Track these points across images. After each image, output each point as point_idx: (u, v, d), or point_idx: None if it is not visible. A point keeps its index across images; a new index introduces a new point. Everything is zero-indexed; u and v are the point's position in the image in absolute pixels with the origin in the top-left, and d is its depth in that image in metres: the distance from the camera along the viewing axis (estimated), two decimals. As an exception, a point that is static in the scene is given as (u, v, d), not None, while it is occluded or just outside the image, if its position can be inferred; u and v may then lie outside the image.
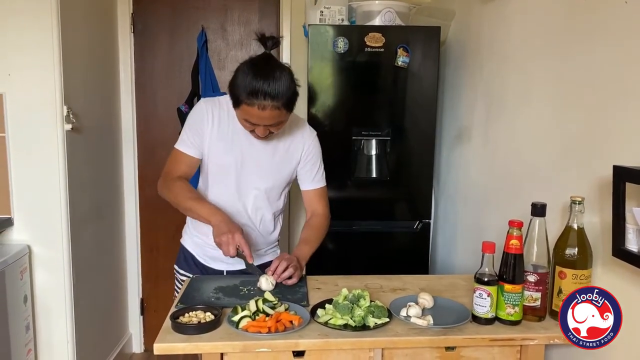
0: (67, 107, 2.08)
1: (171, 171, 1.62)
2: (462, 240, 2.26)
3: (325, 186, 1.74)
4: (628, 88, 1.19)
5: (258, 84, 1.38)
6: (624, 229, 1.08)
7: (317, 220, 1.70)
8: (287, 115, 1.47)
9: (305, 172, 1.69)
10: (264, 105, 1.39)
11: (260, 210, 1.67)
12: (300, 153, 1.67)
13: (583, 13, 1.37)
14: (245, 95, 1.39)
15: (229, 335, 1.19)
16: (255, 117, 1.43)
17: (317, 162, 1.70)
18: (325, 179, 1.74)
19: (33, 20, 1.99)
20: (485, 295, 1.25)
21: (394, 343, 1.21)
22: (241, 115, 1.47)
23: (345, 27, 2.22)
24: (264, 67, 1.42)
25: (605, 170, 1.20)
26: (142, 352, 3.05)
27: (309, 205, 1.74)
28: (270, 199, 1.67)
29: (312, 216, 1.72)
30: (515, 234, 1.24)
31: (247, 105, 1.41)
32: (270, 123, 1.45)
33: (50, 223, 2.10)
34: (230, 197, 1.64)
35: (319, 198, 1.72)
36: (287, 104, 1.43)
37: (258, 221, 1.68)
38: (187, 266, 1.72)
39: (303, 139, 1.67)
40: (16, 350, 1.97)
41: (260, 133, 1.48)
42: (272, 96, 1.38)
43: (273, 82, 1.38)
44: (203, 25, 2.80)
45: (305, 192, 1.73)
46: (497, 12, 1.91)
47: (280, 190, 1.69)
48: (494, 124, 1.93)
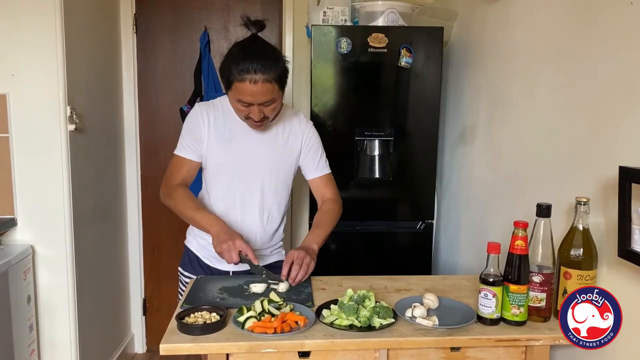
0: (71, 108, 2.09)
1: (172, 177, 1.63)
2: (465, 241, 2.26)
3: (330, 173, 1.76)
4: (633, 89, 1.19)
5: (248, 59, 1.41)
6: (629, 229, 1.08)
7: (328, 205, 1.71)
8: (279, 93, 1.49)
9: (307, 161, 1.71)
10: (255, 79, 1.41)
11: (267, 207, 1.68)
12: (300, 144, 1.69)
13: (588, 13, 1.37)
14: (237, 72, 1.42)
15: (235, 336, 1.19)
16: (248, 94, 1.44)
17: (319, 150, 1.72)
18: (329, 167, 1.75)
19: (36, 21, 1.99)
20: (490, 295, 1.25)
21: (400, 344, 1.21)
22: (234, 96, 1.48)
23: (348, 27, 2.23)
24: (252, 45, 1.48)
25: (611, 171, 1.20)
26: (145, 352, 3.04)
27: (318, 193, 1.75)
28: (276, 195, 1.68)
29: (323, 202, 1.73)
30: (521, 235, 1.24)
31: (239, 83, 1.43)
32: (263, 100, 1.45)
33: (54, 223, 2.10)
34: (235, 197, 1.64)
35: (325, 184, 1.74)
36: (279, 79, 1.46)
37: (265, 219, 1.68)
38: (192, 268, 1.72)
39: (300, 129, 1.69)
40: (19, 351, 1.97)
41: (255, 116, 1.48)
42: (263, 69, 1.41)
43: (261, 57, 1.43)
44: (206, 25, 2.81)
45: (312, 182, 1.74)
46: (500, 13, 1.91)
47: (285, 184, 1.70)
48: (498, 125, 1.93)
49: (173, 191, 1.59)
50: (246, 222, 1.66)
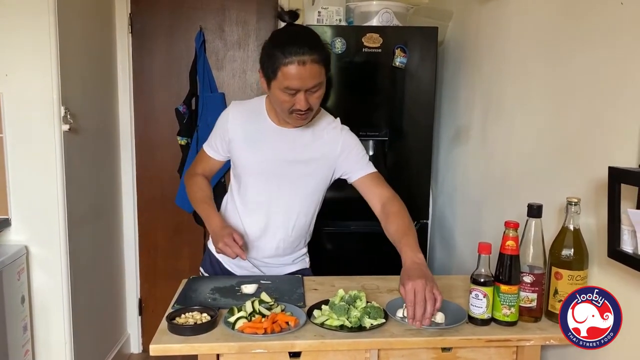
0: (65, 108, 2.08)
1: (196, 166, 1.72)
2: (460, 241, 2.26)
3: (377, 171, 1.62)
4: (624, 89, 1.19)
5: (293, 42, 1.39)
6: (619, 230, 1.08)
7: (393, 205, 1.53)
8: (324, 77, 1.45)
9: (350, 163, 1.59)
10: (304, 60, 1.37)
11: (294, 214, 1.61)
12: (337, 146, 1.59)
13: (580, 14, 1.37)
14: (283, 56, 1.37)
15: (225, 337, 1.19)
16: (296, 79, 1.38)
17: (360, 150, 1.61)
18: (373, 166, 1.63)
19: (30, 21, 1.99)
20: (481, 296, 1.25)
21: (390, 344, 1.21)
22: (279, 85, 1.41)
23: (343, 27, 2.22)
24: (292, 30, 1.47)
25: (602, 171, 1.20)
26: (140, 353, 3.05)
27: (373, 195, 1.57)
28: (306, 201, 1.62)
29: (385, 204, 1.54)
30: (511, 235, 1.24)
31: (286, 67, 1.38)
32: (312, 83, 1.40)
33: (48, 223, 2.10)
34: (262, 200, 1.60)
35: (377, 183, 1.58)
36: (325, 61, 1.43)
37: (291, 226, 1.62)
38: (212, 269, 1.72)
39: (335, 132, 1.61)
40: (14, 351, 1.97)
41: (301, 105, 1.42)
42: (310, 47, 1.38)
43: (308, 38, 1.42)
44: (201, 25, 2.81)
45: (361, 182, 1.59)
46: (495, 13, 1.91)
47: (316, 191, 1.63)
48: (492, 125, 1.93)
49: (193, 177, 1.69)
50: (271, 227, 1.61)
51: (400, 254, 1.39)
